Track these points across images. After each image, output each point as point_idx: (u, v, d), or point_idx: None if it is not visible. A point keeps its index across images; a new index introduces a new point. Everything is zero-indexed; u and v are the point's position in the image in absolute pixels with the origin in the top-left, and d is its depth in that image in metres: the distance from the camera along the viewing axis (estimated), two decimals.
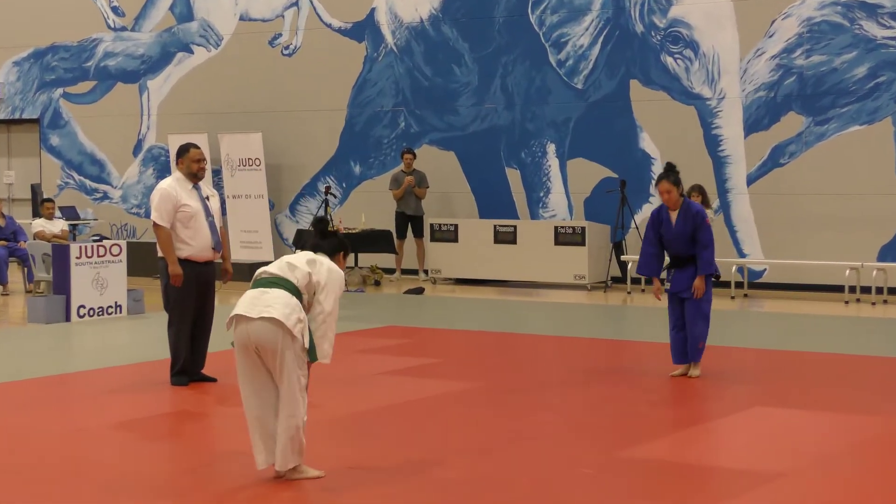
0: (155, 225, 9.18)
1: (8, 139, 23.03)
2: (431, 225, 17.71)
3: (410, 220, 17.98)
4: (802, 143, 16.15)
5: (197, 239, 9.21)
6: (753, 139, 16.40)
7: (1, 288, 16.25)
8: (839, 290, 15.42)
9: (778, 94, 16.22)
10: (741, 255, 16.49)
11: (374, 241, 17.55)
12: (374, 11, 18.93)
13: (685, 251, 9.43)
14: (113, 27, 21.37)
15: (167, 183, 9.29)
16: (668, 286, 9.64)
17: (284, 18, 19.74)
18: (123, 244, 13.94)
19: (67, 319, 13.22)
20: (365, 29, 19.05)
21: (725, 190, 16.58)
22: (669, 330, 9.63)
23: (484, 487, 6.40)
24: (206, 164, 9.36)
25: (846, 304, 15.02)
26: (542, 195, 17.82)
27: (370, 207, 18.32)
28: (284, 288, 6.33)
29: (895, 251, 15.64)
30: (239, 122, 19.84)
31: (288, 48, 19.75)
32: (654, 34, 16.91)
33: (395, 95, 18.83)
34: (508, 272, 17.26)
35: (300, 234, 17.90)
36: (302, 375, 6.36)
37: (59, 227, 16.51)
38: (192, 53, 20.62)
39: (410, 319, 13.65)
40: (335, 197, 19.09)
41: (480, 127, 18.24)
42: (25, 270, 16.12)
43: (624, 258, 16.67)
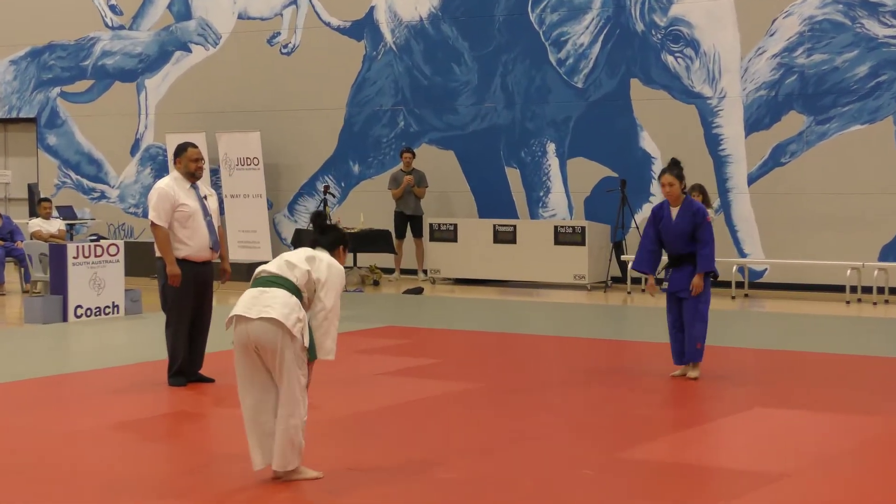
0: (153, 225, 9.16)
1: (5, 138, 22.97)
2: (431, 224, 17.68)
3: (409, 219, 17.94)
4: (803, 142, 16.12)
5: (195, 239, 9.19)
6: (754, 138, 16.37)
7: None
8: (840, 289, 15.40)
9: (779, 93, 16.19)
10: (742, 254, 16.46)
11: (372, 240, 17.53)
12: (373, 10, 18.89)
13: (684, 249, 9.41)
14: (111, 26, 21.32)
15: (165, 182, 9.28)
16: (665, 286, 9.62)
17: (283, 17, 19.69)
18: (121, 244, 13.90)
19: (64, 320, 13.18)
20: (364, 27, 19.01)
21: (726, 189, 16.55)
22: (668, 330, 9.61)
23: (484, 488, 6.40)
24: (203, 163, 9.35)
25: (847, 304, 15.01)
26: (541, 195, 17.78)
27: (369, 207, 18.28)
28: (284, 287, 6.32)
29: None
30: (237, 121, 19.80)
31: (287, 47, 19.70)
32: (654, 33, 16.87)
33: (394, 94, 18.79)
34: (508, 272, 17.23)
35: (299, 233, 17.84)
36: (302, 375, 6.34)
37: (56, 226, 16.47)
38: (190, 52, 20.57)
39: (410, 319, 13.65)
40: (334, 196, 19.04)
41: (480, 126, 18.20)
42: (22, 270, 16.07)
43: (624, 258, 16.61)
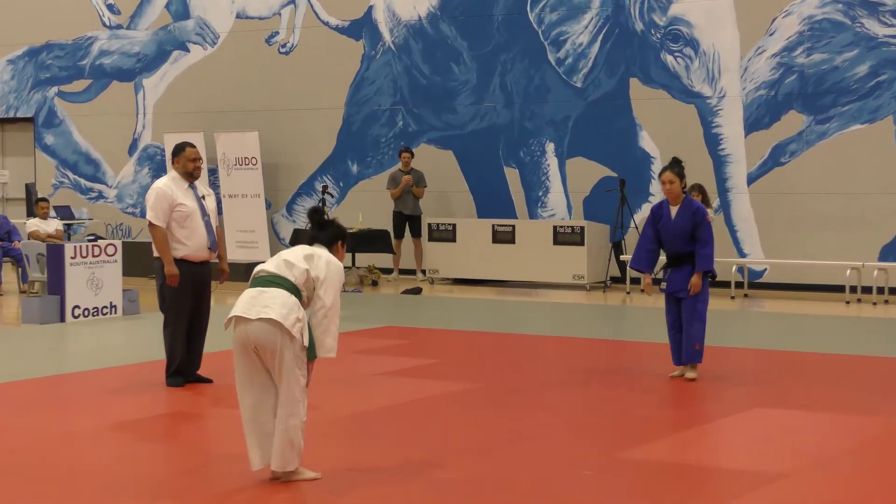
0: (150, 224, 9.14)
1: (2, 138, 22.94)
2: (429, 224, 17.66)
3: (408, 219, 17.92)
4: (803, 141, 16.10)
5: (193, 239, 9.17)
6: (754, 138, 16.35)
7: None
8: (840, 290, 15.38)
9: (779, 92, 16.17)
10: (741, 254, 16.44)
11: (371, 240, 17.52)
12: (371, 9, 18.87)
13: (683, 249, 9.38)
14: (108, 25, 21.29)
15: (163, 182, 9.27)
16: (664, 286, 9.60)
17: (281, 16, 19.67)
18: (118, 244, 13.88)
19: (62, 320, 13.15)
20: (362, 27, 18.98)
21: (726, 189, 16.53)
22: (668, 331, 9.59)
23: (483, 488, 6.38)
24: (201, 163, 9.35)
25: (847, 304, 15.00)
26: (540, 194, 17.76)
27: (368, 207, 18.26)
28: (282, 287, 6.30)
29: None
30: (235, 120, 19.77)
31: (285, 46, 19.68)
32: (653, 32, 16.85)
33: (392, 94, 18.77)
34: (507, 272, 17.21)
35: (297, 233, 17.82)
36: (301, 375, 6.32)
37: (53, 226, 16.45)
38: (188, 52, 20.54)
39: (408, 320, 13.64)
40: (332, 196, 19.01)
41: (479, 126, 18.18)
42: (20, 270, 16.04)
43: (623, 258, 16.59)
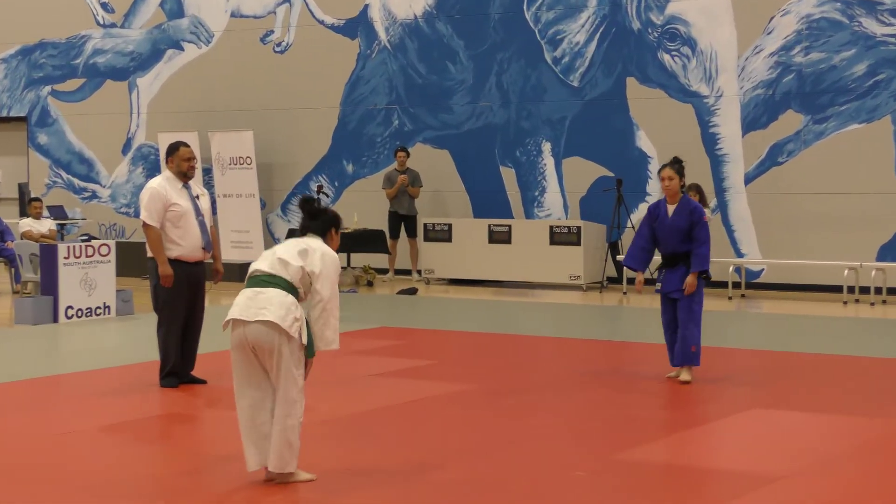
0: (144, 224, 9.15)
1: None
2: (425, 224, 17.63)
3: (404, 219, 17.89)
4: (801, 141, 16.07)
5: (187, 239, 9.17)
6: (751, 137, 16.33)
7: None
8: (838, 290, 15.37)
9: (776, 91, 16.14)
10: (739, 254, 16.42)
11: (366, 240, 17.50)
12: (367, 8, 18.83)
13: (678, 248, 9.36)
14: (102, 24, 21.23)
15: (157, 182, 9.27)
16: (658, 287, 9.58)
17: (276, 15, 19.62)
18: (112, 244, 13.88)
19: (55, 320, 13.13)
20: (358, 26, 18.93)
21: (723, 189, 16.51)
22: (664, 332, 9.58)
23: (480, 489, 6.39)
24: (196, 162, 9.38)
25: (845, 304, 14.99)
26: (537, 194, 17.72)
27: (363, 207, 18.22)
28: (279, 286, 6.31)
29: (894, 251, 15.61)
30: (230, 120, 19.72)
31: (280, 45, 19.62)
32: (650, 31, 16.81)
33: (388, 93, 18.72)
34: (503, 272, 17.18)
35: (292, 233, 17.71)
36: (299, 376, 6.31)
37: (46, 226, 16.39)
38: (182, 50, 20.49)
39: (404, 320, 13.65)
40: (327, 196, 18.95)
41: (475, 125, 18.14)
42: (13, 271, 15.97)
43: (620, 258, 16.53)
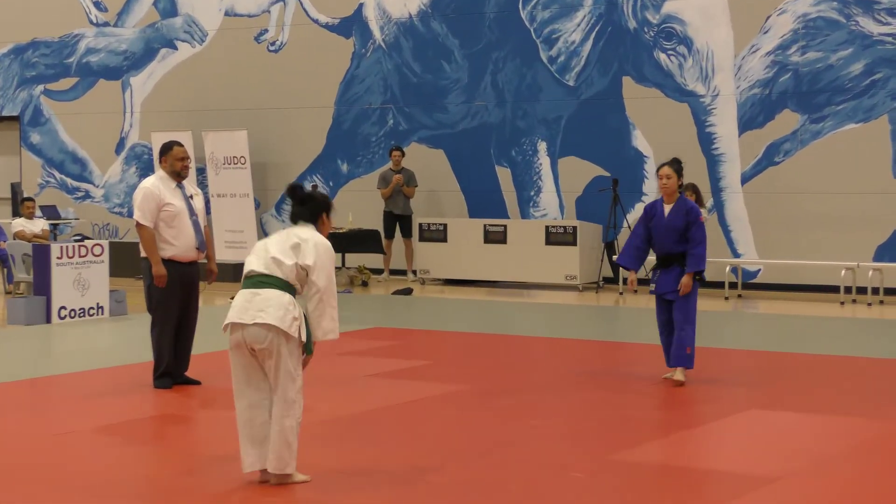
0: (138, 224, 9.15)
1: None
2: (420, 224, 17.58)
3: (399, 219, 17.84)
4: (798, 141, 16.05)
5: (181, 238, 9.16)
6: (748, 137, 16.30)
7: None
8: (835, 290, 15.37)
9: (773, 91, 16.11)
10: (735, 255, 16.40)
11: (361, 240, 17.47)
12: (361, 7, 18.79)
13: (673, 248, 9.33)
14: (95, 22, 21.16)
15: (150, 182, 9.27)
16: (653, 287, 9.56)
17: (270, 14, 19.57)
18: (105, 244, 13.85)
19: (48, 321, 13.11)
20: (353, 24, 18.88)
21: (719, 189, 16.48)
22: (659, 333, 9.56)
23: (475, 491, 6.38)
24: (189, 162, 9.39)
25: (842, 304, 14.99)
26: (532, 194, 17.68)
27: (358, 206, 18.17)
28: (275, 286, 6.31)
29: (892, 251, 15.59)
30: (224, 119, 19.66)
31: (274, 44, 19.57)
32: (647, 30, 16.77)
33: (383, 92, 18.67)
34: (498, 272, 17.14)
35: None
36: (298, 376, 6.30)
37: (39, 226, 16.33)
38: (176, 49, 20.43)
39: (399, 321, 13.64)
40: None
41: (470, 125, 18.09)
42: (5, 271, 15.94)
43: (616, 258, 16.47)
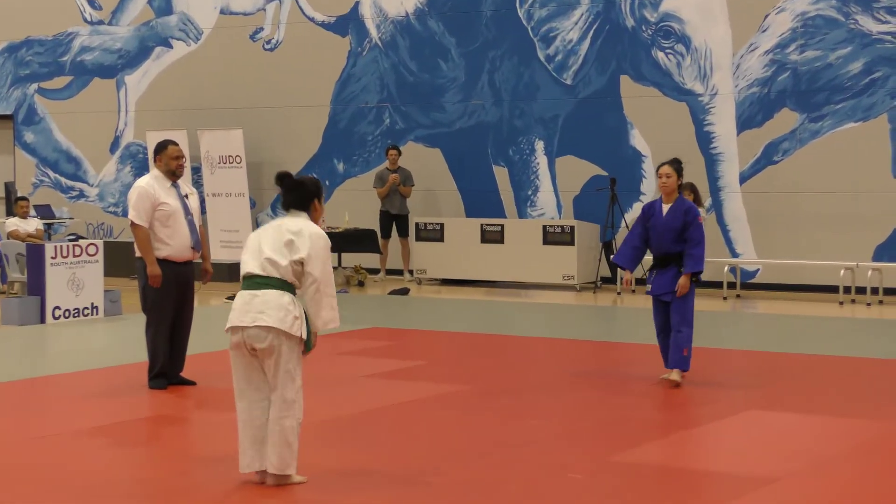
0: (132, 224, 9.14)
1: None
2: (417, 224, 17.54)
3: (395, 218, 17.79)
4: (796, 140, 16.00)
5: (176, 238, 9.15)
6: (746, 136, 16.26)
7: None
8: (834, 290, 15.33)
9: (771, 90, 16.07)
10: (734, 254, 16.36)
11: (357, 240, 17.43)
12: (358, 5, 18.73)
13: (670, 248, 9.30)
14: (89, 21, 21.10)
15: (145, 181, 9.26)
16: (649, 288, 9.53)
17: (266, 12, 19.51)
18: (100, 244, 13.84)
19: (42, 321, 13.10)
20: (349, 23, 18.82)
21: (718, 188, 16.44)
22: (656, 335, 9.54)
23: (473, 492, 6.39)
24: (184, 161, 9.41)
25: (841, 304, 14.96)
26: (530, 193, 17.63)
27: (354, 206, 18.14)
28: (273, 287, 6.32)
29: (891, 251, 15.55)
30: (219, 118, 19.60)
31: (270, 43, 19.50)
32: (644, 29, 16.72)
33: (379, 91, 18.61)
34: (496, 272, 17.10)
35: None
36: (298, 375, 6.30)
37: (33, 226, 16.27)
38: (171, 48, 20.37)
39: (395, 321, 13.63)
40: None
41: (467, 123, 18.04)
42: None
43: (613, 258, 16.44)
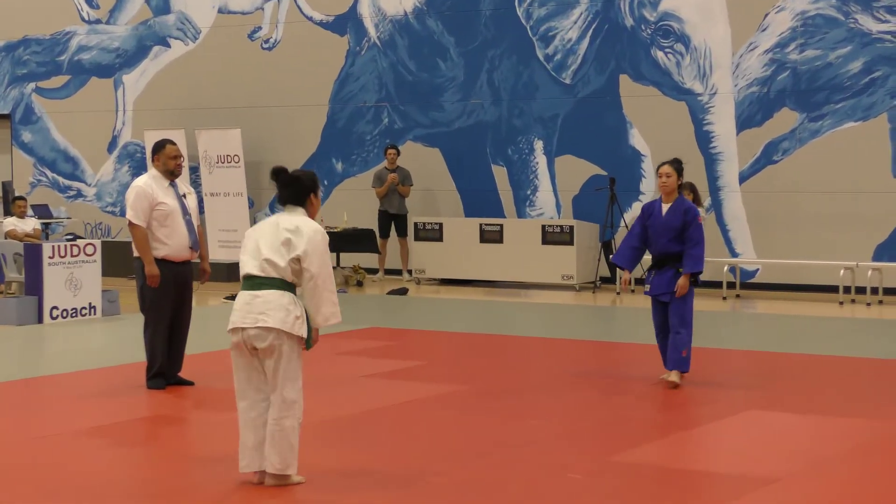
0: (130, 224, 9.12)
1: None
2: (416, 224, 17.51)
3: (394, 218, 17.77)
4: (796, 139, 15.97)
5: (174, 238, 9.14)
6: (746, 135, 16.23)
7: None
8: (833, 290, 15.30)
9: (771, 89, 16.04)
10: (733, 254, 16.33)
11: (356, 240, 17.40)
12: (356, 4, 18.70)
13: (669, 247, 9.27)
14: (87, 20, 21.06)
15: (143, 180, 9.26)
16: (647, 288, 9.50)
17: (264, 11, 19.47)
18: (98, 243, 13.82)
19: (40, 321, 13.08)
20: (347, 22, 18.79)
21: (717, 188, 16.41)
22: (655, 336, 9.51)
23: (472, 492, 6.38)
24: (182, 160, 9.39)
25: (841, 304, 14.93)
26: (529, 193, 17.60)
27: (353, 206, 18.12)
28: (274, 287, 6.31)
29: (891, 250, 15.52)
30: (217, 117, 19.57)
31: (268, 42, 19.46)
32: (644, 28, 16.69)
33: (378, 90, 18.58)
34: (495, 272, 17.08)
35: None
36: (298, 375, 6.30)
37: (31, 225, 16.22)
38: (168, 47, 20.33)
39: (394, 321, 13.63)
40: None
41: (466, 123, 18.01)
42: None
43: (612, 257, 16.40)
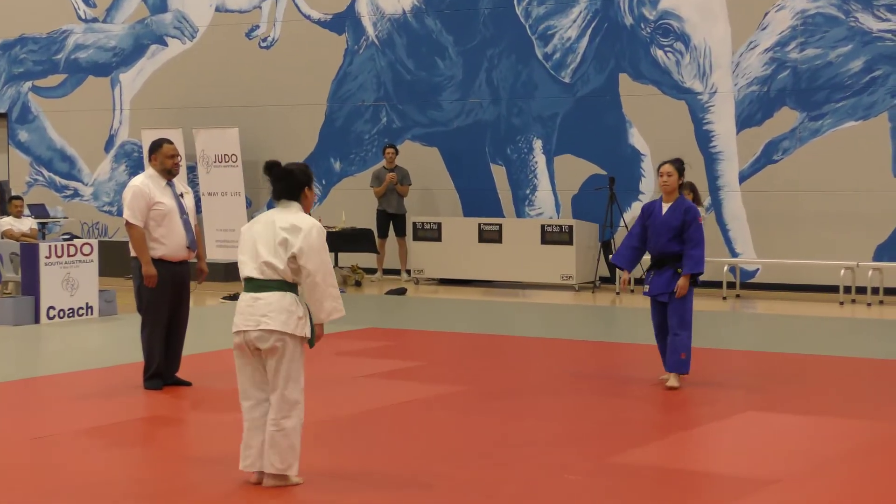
0: (127, 223, 9.10)
1: None
2: (414, 223, 17.50)
3: (392, 218, 17.74)
4: (796, 138, 15.96)
5: (171, 238, 9.13)
6: (746, 135, 16.22)
7: None
8: (834, 290, 15.31)
9: (771, 88, 16.02)
10: (733, 254, 16.33)
11: (354, 240, 17.39)
12: (354, 3, 18.70)
13: (668, 247, 9.24)
14: (84, 18, 21.03)
15: (140, 180, 9.23)
16: (646, 289, 9.47)
17: (262, 9, 19.45)
18: (95, 243, 13.82)
19: (36, 321, 13.07)
20: (345, 21, 18.75)
21: (717, 187, 16.40)
22: (655, 336, 9.49)
23: (473, 492, 6.37)
24: (180, 160, 9.35)
25: (841, 304, 14.93)
26: (528, 193, 17.58)
27: (351, 205, 18.09)
28: (275, 288, 6.31)
29: (891, 250, 15.52)
30: (215, 116, 19.54)
31: (266, 40, 19.43)
32: (643, 26, 16.66)
33: (376, 89, 18.54)
34: (493, 272, 17.07)
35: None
36: (301, 376, 6.30)
37: (27, 225, 16.19)
38: (166, 46, 20.30)
39: (393, 321, 13.62)
40: (315, 194, 18.74)
41: (465, 122, 17.99)
42: None
43: (611, 257, 16.37)
